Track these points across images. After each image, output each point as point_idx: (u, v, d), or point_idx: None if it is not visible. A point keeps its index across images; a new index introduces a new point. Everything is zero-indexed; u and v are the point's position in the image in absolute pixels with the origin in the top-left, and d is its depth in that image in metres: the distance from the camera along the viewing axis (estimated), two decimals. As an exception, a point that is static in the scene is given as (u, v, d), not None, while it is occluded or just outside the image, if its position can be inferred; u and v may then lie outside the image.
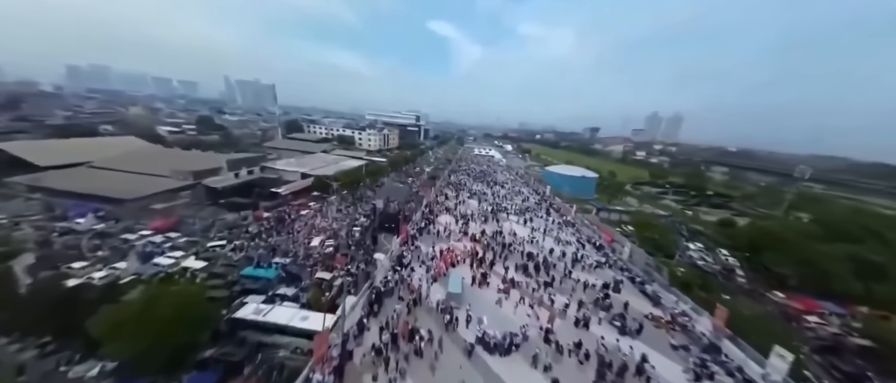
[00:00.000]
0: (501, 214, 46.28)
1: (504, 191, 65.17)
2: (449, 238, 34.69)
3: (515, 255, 31.15)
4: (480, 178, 76.16)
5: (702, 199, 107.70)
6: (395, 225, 48.29)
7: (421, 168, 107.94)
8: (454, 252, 29.56)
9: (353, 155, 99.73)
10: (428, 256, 29.06)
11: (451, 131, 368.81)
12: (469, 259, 28.77)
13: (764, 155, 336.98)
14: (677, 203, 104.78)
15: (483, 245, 32.34)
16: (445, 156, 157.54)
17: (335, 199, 58.86)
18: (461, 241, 33.76)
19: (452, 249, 30.25)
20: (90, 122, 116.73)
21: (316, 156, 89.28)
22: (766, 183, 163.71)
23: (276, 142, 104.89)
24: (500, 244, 32.64)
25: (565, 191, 75.28)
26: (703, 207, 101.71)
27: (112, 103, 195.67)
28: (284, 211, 51.72)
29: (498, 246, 32.31)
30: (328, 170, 71.36)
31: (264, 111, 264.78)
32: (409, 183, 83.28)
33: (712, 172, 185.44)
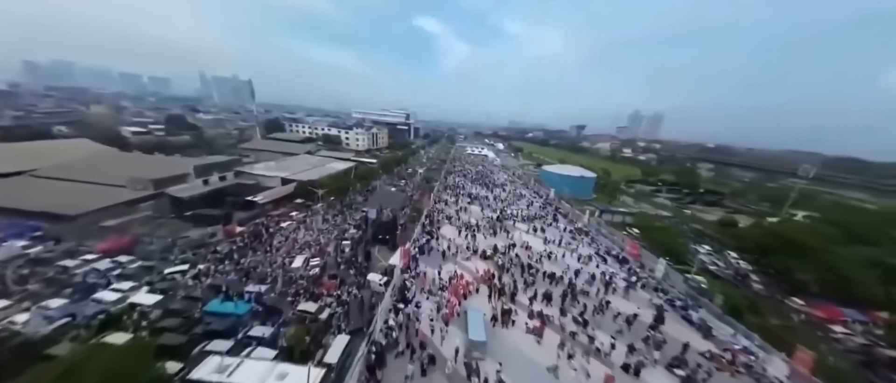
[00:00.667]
0: (508, 223, 41.91)
1: (505, 194, 60.89)
2: (456, 256, 29.92)
3: (537, 277, 26.68)
4: (478, 180, 71.67)
5: (696, 197, 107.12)
6: (390, 236, 43.10)
7: (413, 169, 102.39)
8: (465, 279, 24.76)
9: (341, 156, 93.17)
10: (435, 284, 24.17)
11: (441, 130, 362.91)
12: (485, 285, 24.07)
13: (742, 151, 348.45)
14: (671, 201, 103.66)
15: (498, 265, 27.71)
16: (438, 155, 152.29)
17: (321, 208, 52.87)
18: (470, 260, 29.09)
19: (462, 276, 25.45)
20: (43, 123, 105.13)
21: (299, 158, 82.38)
22: (750, 179, 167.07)
23: (255, 143, 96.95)
24: (517, 264, 28.06)
25: (565, 191, 71.74)
26: (697, 205, 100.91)
27: (72, 101, 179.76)
28: (262, 223, 45.49)
29: (515, 266, 27.74)
30: (313, 173, 65.01)
31: (243, 109, 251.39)
32: (403, 185, 77.82)
33: (698, 169, 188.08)
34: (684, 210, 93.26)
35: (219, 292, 29.35)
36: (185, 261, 34.76)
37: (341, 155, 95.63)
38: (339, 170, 73.56)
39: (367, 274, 34.38)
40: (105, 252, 35.66)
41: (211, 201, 50.63)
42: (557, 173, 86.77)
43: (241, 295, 29.14)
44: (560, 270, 27.89)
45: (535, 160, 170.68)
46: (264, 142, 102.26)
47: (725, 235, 64.34)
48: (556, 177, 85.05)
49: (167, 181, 50.68)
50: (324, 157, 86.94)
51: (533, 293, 23.48)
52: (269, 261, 35.33)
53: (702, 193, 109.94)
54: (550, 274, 26.43)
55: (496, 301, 21.99)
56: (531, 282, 25.26)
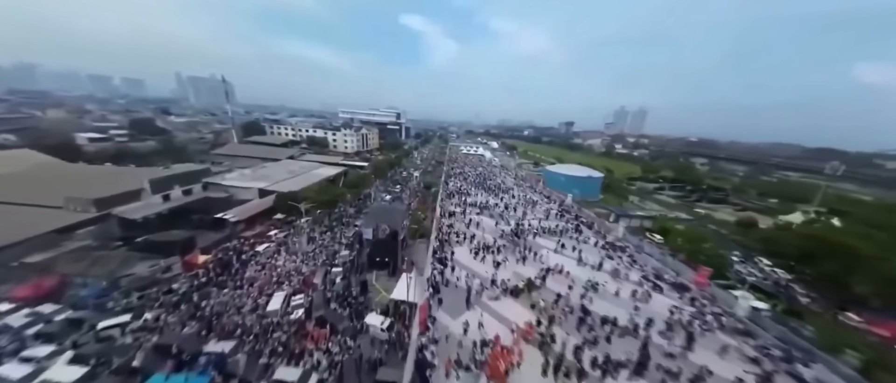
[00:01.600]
0: (529, 238, 35.70)
1: (514, 200, 54.71)
2: (481, 295, 23.32)
3: (595, 325, 20.26)
4: (481, 184, 65.22)
5: (700, 194, 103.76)
6: (389, 258, 36.13)
7: (408, 172, 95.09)
8: (503, 346, 17.79)
9: (328, 161, 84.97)
10: (463, 349, 17.51)
11: (432, 128, 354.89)
12: (534, 347, 17.52)
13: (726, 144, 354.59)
14: (676, 199, 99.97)
15: (540, 309, 21.21)
16: (432, 156, 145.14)
17: (306, 224, 45.28)
18: (500, 299, 22.60)
19: (498, 340, 18.43)
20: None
21: (280, 164, 73.92)
22: (744, 173, 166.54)
23: (230, 148, 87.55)
24: (565, 307, 21.55)
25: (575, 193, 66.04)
26: (703, 203, 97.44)
27: (29, 106, 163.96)
28: (233, 248, 37.68)
29: (563, 311, 21.26)
30: (295, 183, 57.11)
31: (220, 111, 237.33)
32: (398, 191, 70.54)
33: (692, 163, 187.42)
34: (696, 209, 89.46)
35: (167, 354, 21.93)
36: (128, 309, 26.93)
37: (328, 159, 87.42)
38: (327, 177, 65.72)
39: (363, 313, 27.49)
40: (24, 300, 27.47)
41: (172, 221, 42.35)
42: (563, 173, 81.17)
43: (196, 357, 21.80)
44: (622, 313, 21.57)
45: (531, 159, 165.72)
46: (241, 146, 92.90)
47: (750, 238, 60.07)
48: (561, 178, 79.47)
49: (115, 199, 42.01)
50: (309, 163, 78.66)
51: (602, 356, 17.02)
52: (238, 304, 27.83)
53: (705, 190, 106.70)
54: (611, 320, 20.15)
55: (557, 381, 15.37)
56: (593, 338, 18.77)
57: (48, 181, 47.94)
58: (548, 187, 71.00)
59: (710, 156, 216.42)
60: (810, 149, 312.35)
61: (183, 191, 49.37)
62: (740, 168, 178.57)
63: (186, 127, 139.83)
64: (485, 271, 26.79)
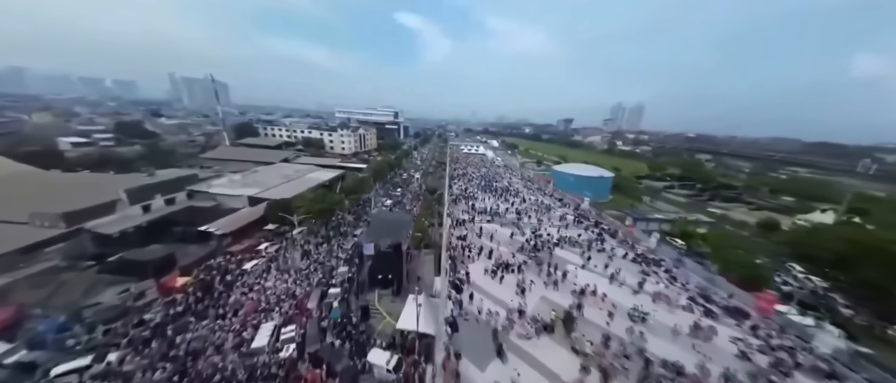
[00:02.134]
0: (548, 251, 31.90)
1: (525, 204, 50.91)
2: (509, 331, 19.42)
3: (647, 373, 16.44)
4: (488, 187, 61.27)
5: (712, 193, 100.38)
6: (393, 275, 32.31)
7: (409, 174, 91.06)
8: None
9: (324, 163, 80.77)
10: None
11: (430, 127, 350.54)
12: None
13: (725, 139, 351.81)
14: (686, 198, 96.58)
15: (586, 355, 17.27)
16: (432, 155, 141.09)
17: (300, 236, 41.26)
18: (533, 339, 18.75)
19: None
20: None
21: (273, 168, 69.68)
22: (751, 169, 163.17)
23: (221, 152, 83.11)
24: (617, 353, 17.50)
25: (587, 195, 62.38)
26: (715, 202, 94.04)
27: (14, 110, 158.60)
28: (217, 266, 33.61)
29: (614, 356, 17.28)
30: (289, 188, 53.03)
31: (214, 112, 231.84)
32: (399, 195, 66.53)
33: (698, 160, 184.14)
34: (706, 209, 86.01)
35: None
36: (90, 348, 22.92)
37: (324, 162, 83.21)
38: (323, 181, 61.63)
39: (365, 346, 23.66)
40: (-33, 337, 23.46)
41: (151, 235, 38.21)
42: (572, 173, 77.38)
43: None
44: (683, 354, 17.69)
45: (533, 157, 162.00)
46: (232, 149, 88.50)
47: (773, 241, 56.59)
48: (570, 179, 75.73)
49: (87, 213, 37.79)
50: (304, 166, 74.43)
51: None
52: (220, 339, 23.83)
53: (716, 188, 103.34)
54: (675, 368, 16.28)
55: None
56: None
57: (17, 192, 43.52)
58: (558, 189, 67.24)
59: (713, 152, 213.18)
60: (810, 144, 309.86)
61: (165, 200, 45.19)
62: (745, 164, 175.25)
63: (177, 129, 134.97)
64: (508, 298, 22.88)
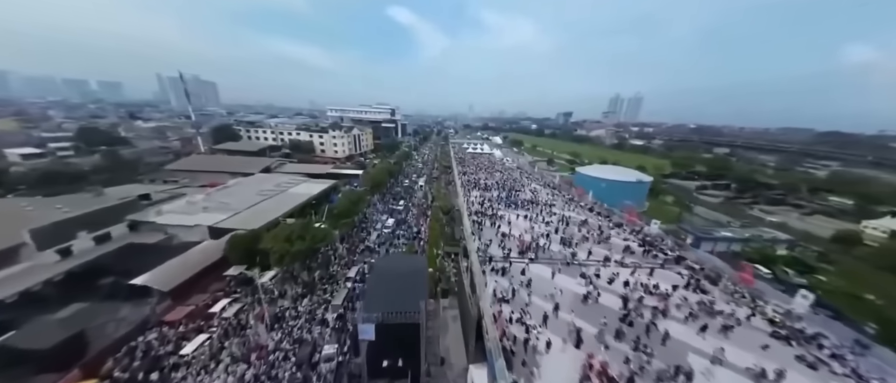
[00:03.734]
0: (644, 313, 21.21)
1: (569, 227, 40.29)
2: None
3: None
4: (512, 200, 50.22)
5: (754, 194, 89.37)
6: (406, 363, 21.70)
7: (411, 180, 79.78)
8: None
9: (313, 172, 69.28)
10: None
11: (427, 123, 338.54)
12: None
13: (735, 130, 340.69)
14: (724, 200, 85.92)
15: None
16: (434, 156, 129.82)
17: (272, 286, 30.17)
18: None
19: None
20: None
21: (250, 181, 58.25)
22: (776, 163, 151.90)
23: (191, 161, 71.26)
24: None
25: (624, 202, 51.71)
26: (759, 205, 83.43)
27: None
28: (145, 351, 22.52)
29: None
30: (264, 212, 41.80)
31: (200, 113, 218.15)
32: (402, 210, 55.32)
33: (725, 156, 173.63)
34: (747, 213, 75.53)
35: None
36: None
37: (314, 169, 71.65)
38: (310, 197, 50.34)
39: None
40: None
41: (66, 295, 27.00)
42: (602, 178, 66.37)
43: None
44: None
45: (542, 155, 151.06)
46: (205, 158, 76.75)
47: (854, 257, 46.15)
48: (601, 184, 64.83)
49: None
50: (288, 176, 63.02)
51: None
52: None
53: (754, 187, 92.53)
54: None
55: None
56: None
57: None
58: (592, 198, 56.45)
59: (729, 145, 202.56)
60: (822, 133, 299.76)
61: (95, 238, 33.81)
62: (769, 158, 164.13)
63: (152, 134, 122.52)
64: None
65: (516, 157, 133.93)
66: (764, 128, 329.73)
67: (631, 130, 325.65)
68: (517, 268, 28.21)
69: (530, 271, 27.59)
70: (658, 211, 65.87)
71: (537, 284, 25.44)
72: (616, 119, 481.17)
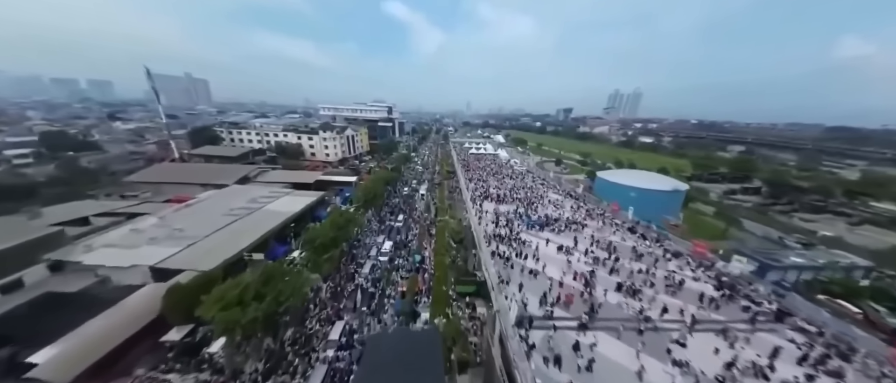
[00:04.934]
0: None
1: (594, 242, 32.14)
2: None
3: None
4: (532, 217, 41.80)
5: (790, 199, 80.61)
6: None
7: (411, 187, 71.13)
8: None
9: (299, 180, 60.60)
10: None
11: (425, 120, 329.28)
12: None
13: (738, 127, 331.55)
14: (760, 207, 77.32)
15: None
16: (435, 157, 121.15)
17: (223, 357, 21.66)
18: None
19: None
20: None
21: (221, 195, 49.53)
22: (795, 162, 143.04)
23: (158, 171, 62.28)
24: None
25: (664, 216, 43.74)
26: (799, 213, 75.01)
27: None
28: None
29: None
30: (226, 243, 33.20)
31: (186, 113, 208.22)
32: (402, 227, 46.76)
33: (730, 151, 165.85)
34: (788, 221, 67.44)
35: None
36: None
37: (301, 177, 62.87)
38: (291, 216, 41.77)
39: None
40: None
41: None
42: (629, 185, 58.04)
43: None
44: None
45: (548, 155, 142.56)
46: (176, 166, 67.83)
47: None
48: (630, 193, 56.37)
49: None
50: (269, 186, 54.32)
51: None
52: None
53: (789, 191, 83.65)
54: None
55: None
56: None
57: None
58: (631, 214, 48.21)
59: (741, 142, 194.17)
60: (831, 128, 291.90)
61: (1, 287, 25.12)
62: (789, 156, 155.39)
63: (130, 136, 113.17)
64: None
65: (523, 158, 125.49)
66: (771, 124, 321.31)
67: (634, 127, 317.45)
68: (566, 337, 19.87)
69: (589, 343, 19.24)
70: (696, 225, 57.68)
71: (604, 368, 17.12)
72: (617, 115, 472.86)
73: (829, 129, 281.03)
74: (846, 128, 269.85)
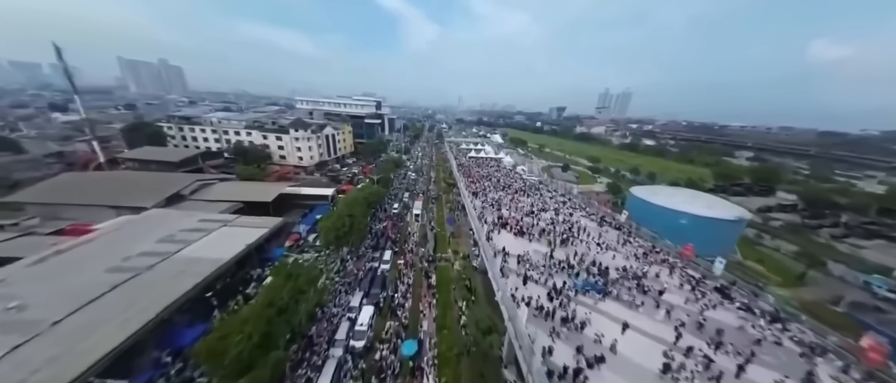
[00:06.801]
0: None
1: (670, 312, 20.04)
2: None
3: None
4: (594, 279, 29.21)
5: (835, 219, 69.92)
6: None
7: (402, 201, 57.52)
8: None
9: (250, 198, 46.24)
10: None
11: (416, 116, 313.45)
12: None
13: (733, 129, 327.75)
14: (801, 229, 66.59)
15: None
16: (429, 160, 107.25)
17: None
18: None
19: None
20: None
21: (130, 227, 35.09)
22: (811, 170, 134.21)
23: (56, 186, 46.47)
24: None
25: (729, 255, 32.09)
26: (851, 237, 64.44)
27: None
28: None
29: None
30: (76, 341, 19.25)
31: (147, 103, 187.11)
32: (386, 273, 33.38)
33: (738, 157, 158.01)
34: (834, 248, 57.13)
35: None
36: None
37: (258, 190, 48.38)
38: (220, 267, 27.90)
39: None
40: None
41: None
42: (678, 210, 46.05)
43: None
44: None
45: (553, 159, 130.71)
46: (88, 179, 52.22)
47: None
48: (680, 221, 44.55)
49: None
50: (209, 208, 39.98)
51: None
52: None
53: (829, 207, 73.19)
54: None
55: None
56: None
57: None
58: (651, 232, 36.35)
59: (743, 147, 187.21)
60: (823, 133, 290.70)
61: None
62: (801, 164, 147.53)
63: (68, 131, 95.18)
64: None
65: (526, 161, 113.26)
66: (766, 128, 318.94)
67: (630, 127, 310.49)
68: None
69: None
70: (756, 261, 46.30)
71: None
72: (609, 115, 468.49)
73: (822, 134, 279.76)
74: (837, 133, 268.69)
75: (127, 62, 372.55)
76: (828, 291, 40.78)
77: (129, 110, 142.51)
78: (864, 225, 66.52)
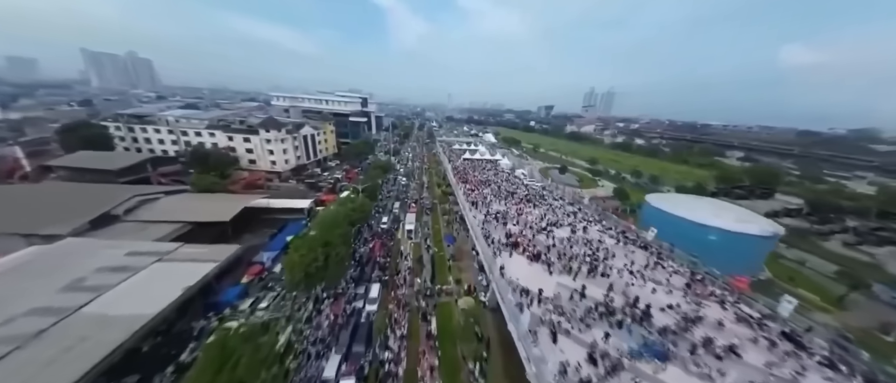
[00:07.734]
0: None
1: None
2: None
3: None
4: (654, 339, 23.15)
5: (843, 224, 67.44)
6: None
7: (391, 212, 50.24)
8: None
9: (205, 216, 38.15)
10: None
11: (406, 114, 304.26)
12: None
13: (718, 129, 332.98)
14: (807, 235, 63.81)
15: None
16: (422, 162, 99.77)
17: None
18: None
19: None
20: None
21: (27, 267, 26.76)
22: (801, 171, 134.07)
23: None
24: None
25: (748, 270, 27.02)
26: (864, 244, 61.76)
27: None
28: None
29: None
30: None
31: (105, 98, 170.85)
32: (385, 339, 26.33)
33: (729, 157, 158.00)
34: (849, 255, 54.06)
35: None
36: None
37: (216, 206, 40.19)
38: (134, 334, 20.28)
39: None
40: None
41: None
42: (703, 224, 41.04)
43: None
44: None
45: (549, 159, 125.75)
46: (9, 193, 42.67)
47: None
48: (709, 236, 39.44)
49: None
50: (145, 229, 31.88)
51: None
52: None
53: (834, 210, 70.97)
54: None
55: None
56: None
57: None
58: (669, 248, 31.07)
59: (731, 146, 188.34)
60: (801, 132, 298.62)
61: None
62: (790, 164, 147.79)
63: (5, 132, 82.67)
64: None
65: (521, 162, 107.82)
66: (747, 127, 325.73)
67: (617, 126, 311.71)
68: None
69: None
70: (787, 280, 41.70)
71: None
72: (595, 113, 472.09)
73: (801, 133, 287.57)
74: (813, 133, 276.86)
75: (90, 54, 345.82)
76: (872, 316, 36.54)
77: (83, 107, 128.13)
78: (874, 231, 64.03)
